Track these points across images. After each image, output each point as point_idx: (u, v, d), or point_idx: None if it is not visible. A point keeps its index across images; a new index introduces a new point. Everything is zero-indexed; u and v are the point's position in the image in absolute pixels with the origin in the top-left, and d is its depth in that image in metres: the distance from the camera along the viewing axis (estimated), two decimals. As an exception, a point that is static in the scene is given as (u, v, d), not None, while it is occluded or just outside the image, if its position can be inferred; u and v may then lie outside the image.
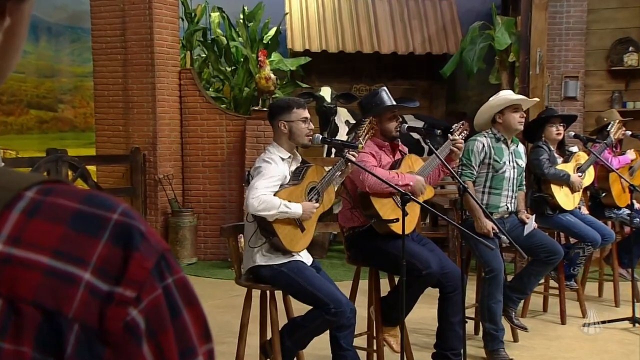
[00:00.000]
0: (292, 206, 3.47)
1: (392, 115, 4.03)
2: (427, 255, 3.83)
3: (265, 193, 3.41)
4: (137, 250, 0.60)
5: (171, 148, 7.71)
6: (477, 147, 4.55)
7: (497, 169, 4.55)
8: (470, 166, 4.54)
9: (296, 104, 3.65)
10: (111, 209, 0.61)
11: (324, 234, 7.76)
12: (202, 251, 7.80)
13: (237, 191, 7.65)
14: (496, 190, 4.58)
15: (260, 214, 3.41)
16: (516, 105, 4.59)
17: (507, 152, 4.61)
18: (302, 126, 3.63)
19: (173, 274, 0.62)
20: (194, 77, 7.83)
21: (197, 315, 0.64)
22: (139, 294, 0.59)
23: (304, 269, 3.54)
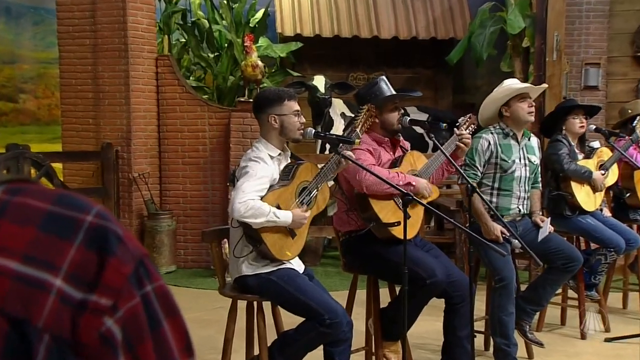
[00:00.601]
0: (281, 214, 3.48)
1: (393, 107, 4.04)
2: (432, 262, 3.84)
3: (253, 198, 3.41)
4: (113, 255, 0.60)
5: (147, 143, 7.71)
6: (481, 146, 4.56)
7: (505, 168, 4.56)
8: (474, 166, 4.55)
9: (287, 96, 3.66)
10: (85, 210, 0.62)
11: (318, 239, 7.77)
12: (182, 258, 7.80)
13: (220, 191, 7.65)
14: (506, 192, 4.59)
15: (247, 220, 3.42)
16: (523, 94, 4.61)
17: (517, 148, 4.62)
18: (293, 120, 3.64)
19: (152, 281, 0.63)
20: (173, 64, 7.83)
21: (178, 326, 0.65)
22: (116, 302, 0.59)
23: (295, 277, 3.56)
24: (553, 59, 7.07)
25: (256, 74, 7.40)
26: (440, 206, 6.93)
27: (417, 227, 4.04)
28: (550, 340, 5.16)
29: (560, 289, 5.25)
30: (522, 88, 4.63)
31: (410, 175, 3.94)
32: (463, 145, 4.12)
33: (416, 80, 9.83)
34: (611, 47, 8.37)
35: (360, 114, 3.86)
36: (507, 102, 4.62)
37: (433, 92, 9.92)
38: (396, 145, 4.19)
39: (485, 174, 4.60)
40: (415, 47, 9.66)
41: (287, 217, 3.50)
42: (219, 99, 8.49)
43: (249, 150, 3.67)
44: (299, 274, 3.62)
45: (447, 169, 4.20)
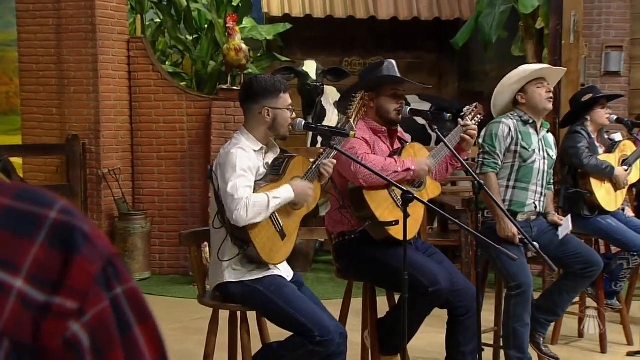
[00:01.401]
0: (280, 193, 3.50)
1: (392, 93, 4.05)
2: (435, 268, 3.86)
3: (248, 194, 3.43)
4: (79, 254, 0.61)
5: (118, 136, 7.70)
6: (502, 131, 4.56)
7: (525, 157, 4.58)
8: (494, 154, 4.55)
9: (283, 87, 3.67)
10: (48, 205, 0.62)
11: (308, 242, 7.78)
12: (157, 263, 7.80)
13: (200, 189, 7.65)
14: (523, 184, 4.60)
15: (255, 221, 3.44)
16: (540, 79, 4.62)
17: (537, 138, 4.64)
18: (287, 115, 3.66)
19: (123, 282, 0.64)
20: (146, 47, 7.81)
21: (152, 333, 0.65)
22: (82, 305, 0.60)
23: (283, 286, 3.57)
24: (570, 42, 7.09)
25: (240, 58, 7.39)
26: (445, 205, 6.95)
27: (417, 227, 4.05)
28: (567, 354, 5.18)
29: (578, 297, 5.26)
30: (540, 70, 4.65)
31: (409, 160, 3.95)
32: (468, 138, 4.13)
33: (418, 66, 9.85)
34: (635, 29, 8.38)
35: (354, 102, 3.87)
36: (523, 87, 4.63)
37: (436, 79, 9.94)
38: (394, 137, 4.20)
39: (503, 164, 4.60)
40: (416, 29, 9.67)
41: (287, 191, 3.52)
42: (198, 87, 8.49)
43: (227, 143, 3.68)
44: (287, 283, 3.62)
45: (451, 163, 4.21)
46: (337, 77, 7.61)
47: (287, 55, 9.23)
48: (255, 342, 3.68)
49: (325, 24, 9.46)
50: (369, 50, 9.95)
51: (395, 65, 4.12)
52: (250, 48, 7.78)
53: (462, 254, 6.69)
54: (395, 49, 9.77)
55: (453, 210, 6.55)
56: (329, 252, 4.89)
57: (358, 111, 3.88)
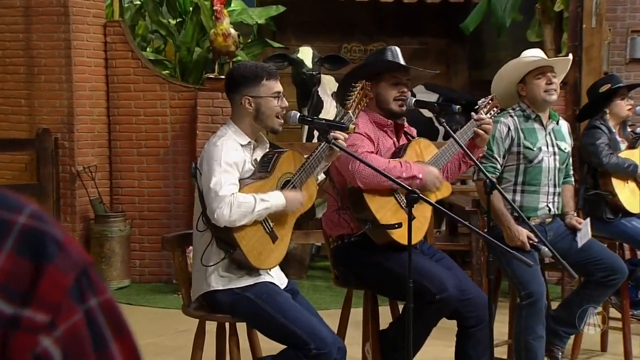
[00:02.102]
0: (271, 197, 3.50)
1: (393, 81, 4.06)
2: (442, 274, 3.86)
3: (233, 192, 3.42)
4: (51, 263, 0.61)
5: (94, 130, 7.69)
6: (499, 132, 4.56)
7: (530, 158, 4.57)
8: (492, 158, 4.55)
9: (266, 73, 3.66)
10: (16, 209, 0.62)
11: (304, 247, 7.78)
12: (138, 270, 7.80)
13: (185, 189, 7.65)
14: (532, 187, 4.59)
15: (238, 224, 3.44)
16: (542, 68, 4.61)
17: (543, 133, 4.63)
18: (273, 104, 3.65)
19: (97, 294, 0.64)
20: (125, 32, 7.81)
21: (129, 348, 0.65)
22: (54, 318, 0.60)
23: (276, 294, 3.57)
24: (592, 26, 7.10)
25: (228, 44, 7.39)
26: (453, 206, 6.95)
27: (423, 231, 4.05)
28: (588, 369, 5.19)
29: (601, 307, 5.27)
30: (536, 61, 4.63)
31: (417, 164, 3.95)
32: (483, 133, 4.12)
33: (424, 53, 9.85)
34: (662, 12, 8.38)
35: (353, 92, 3.87)
36: (523, 78, 4.63)
37: (445, 68, 9.94)
38: (400, 131, 4.20)
39: (507, 167, 4.60)
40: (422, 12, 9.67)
41: (278, 198, 3.52)
42: (182, 76, 8.48)
43: (213, 136, 3.69)
44: (280, 291, 3.63)
45: (464, 160, 4.21)
46: (335, 65, 7.61)
47: (281, 41, 9.23)
48: (245, 356, 3.68)
49: (323, 7, 9.46)
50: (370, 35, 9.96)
51: (399, 52, 4.12)
52: (239, 33, 7.77)
53: (473, 260, 6.69)
54: (399, 34, 9.77)
55: (462, 211, 6.55)
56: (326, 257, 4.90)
57: (358, 102, 3.87)
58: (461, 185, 8.18)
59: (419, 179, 3.88)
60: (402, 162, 3.92)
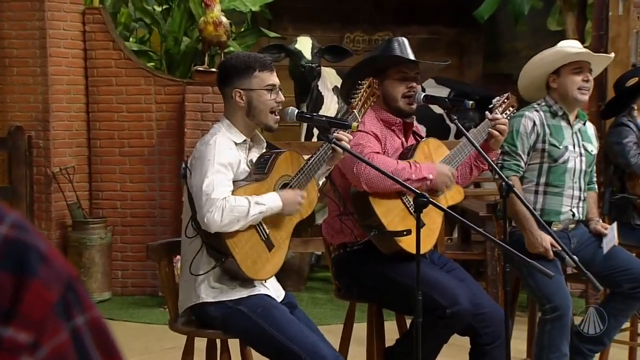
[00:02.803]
0: (267, 200, 3.50)
1: (401, 76, 4.07)
2: (454, 285, 3.87)
3: (226, 196, 3.43)
4: (34, 277, 0.61)
5: (72, 127, 7.70)
6: (524, 127, 4.57)
7: (555, 157, 4.58)
8: (515, 154, 4.56)
9: (259, 64, 3.68)
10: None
11: (303, 256, 7.78)
12: (120, 282, 7.80)
13: (172, 192, 7.65)
14: (556, 189, 4.60)
15: (230, 230, 3.44)
16: (580, 63, 4.63)
17: (570, 132, 4.64)
18: (266, 98, 3.66)
19: (85, 311, 0.64)
20: (106, 20, 7.81)
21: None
22: (37, 337, 0.60)
23: (272, 308, 3.58)
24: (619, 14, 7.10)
25: (219, 34, 7.39)
26: (466, 212, 6.95)
27: (433, 238, 4.07)
28: (614, 390, 5.19)
29: (628, 321, 5.27)
30: (580, 54, 4.63)
31: (428, 165, 3.96)
32: (497, 134, 4.13)
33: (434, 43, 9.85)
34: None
35: (360, 89, 3.87)
36: (557, 70, 4.63)
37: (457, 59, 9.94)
38: (409, 131, 4.20)
39: (529, 165, 4.60)
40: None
41: (274, 200, 3.52)
42: (169, 68, 8.48)
43: (206, 134, 3.69)
44: (277, 304, 3.63)
45: (475, 164, 4.22)
46: (336, 56, 7.62)
47: (277, 30, 9.23)
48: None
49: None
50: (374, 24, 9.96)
51: (407, 44, 4.13)
52: (231, 21, 7.78)
53: (488, 270, 6.69)
54: (406, 22, 9.77)
55: (476, 217, 6.55)
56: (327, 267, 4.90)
57: (365, 101, 3.87)
58: (475, 189, 8.18)
59: (430, 180, 3.90)
60: (412, 162, 3.93)
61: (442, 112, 7.77)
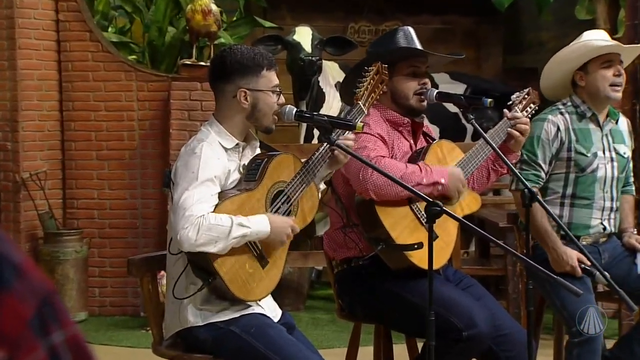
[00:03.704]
0: (253, 223, 3.48)
1: (411, 70, 4.07)
2: (471, 305, 3.87)
3: (204, 213, 3.41)
4: (8, 291, 0.62)
5: (43, 128, 7.70)
6: (546, 133, 4.56)
7: (583, 165, 4.57)
8: (535, 165, 4.54)
9: (267, 62, 3.68)
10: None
11: (302, 272, 7.78)
12: (97, 301, 7.79)
13: (156, 200, 7.65)
14: (584, 201, 4.59)
15: (204, 249, 3.43)
16: (610, 56, 4.62)
17: (599, 135, 4.63)
18: (272, 100, 3.66)
19: (62, 326, 0.65)
20: (82, 8, 7.81)
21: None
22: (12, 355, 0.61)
23: (267, 327, 3.58)
24: (655, 1, 7.11)
25: (209, 23, 7.39)
26: (485, 222, 6.95)
27: (447, 252, 4.07)
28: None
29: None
30: (609, 46, 4.63)
31: (438, 167, 3.96)
32: (517, 134, 4.13)
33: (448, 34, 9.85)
34: None
35: (366, 77, 3.86)
36: (584, 65, 4.63)
37: (474, 52, 9.95)
38: (418, 131, 4.21)
39: (553, 175, 4.59)
40: (447, -16, 9.71)
41: (261, 225, 3.50)
42: (152, 62, 8.48)
43: (193, 138, 3.68)
44: (273, 324, 3.64)
45: (493, 168, 4.22)
46: (339, 48, 7.63)
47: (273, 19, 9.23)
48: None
49: (324, -22, 9.48)
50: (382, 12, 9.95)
51: (414, 34, 4.13)
52: (222, 10, 7.79)
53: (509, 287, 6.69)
54: (417, 11, 9.78)
55: (496, 228, 6.55)
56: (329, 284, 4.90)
57: (372, 90, 3.87)
58: (494, 196, 8.19)
59: (442, 184, 3.90)
60: (422, 165, 3.93)
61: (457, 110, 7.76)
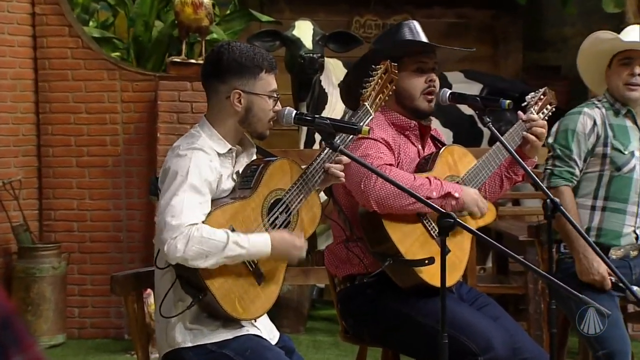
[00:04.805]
0: (252, 242, 3.47)
1: (417, 67, 4.08)
2: (488, 326, 3.87)
3: (195, 221, 3.41)
4: None
5: (17, 132, 7.71)
6: (582, 126, 4.57)
7: (619, 164, 4.58)
8: (569, 160, 4.56)
9: (267, 64, 3.68)
10: None
11: (301, 290, 7.78)
12: (76, 322, 7.79)
13: (141, 211, 7.65)
14: (617, 204, 4.59)
15: (193, 264, 3.42)
16: (629, 52, 4.61)
17: (637, 134, 4.65)
18: (267, 106, 3.67)
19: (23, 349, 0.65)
20: (60, 1, 7.82)
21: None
22: None
23: (264, 350, 3.58)
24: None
25: (200, 17, 7.40)
26: (503, 235, 6.96)
27: (461, 268, 4.07)
28: None
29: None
30: (627, 44, 4.63)
31: (451, 183, 3.97)
32: (533, 138, 4.13)
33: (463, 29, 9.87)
34: None
35: (374, 77, 3.87)
36: (611, 61, 4.65)
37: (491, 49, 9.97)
38: (426, 135, 4.21)
39: (586, 174, 4.61)
40: (461, -26, 9.73)
41: (262, 243, 3.50)
42: (138, 59, 8.50)
43: (181, 140, 3.68)
44: (270, 346, 3.64)
45: (507, 175, 4.22)
46: (343, 45, 7.64)
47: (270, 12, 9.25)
48: None
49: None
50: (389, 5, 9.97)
51: (420, 28, 4.14)
52: (215, 2, 7.80)
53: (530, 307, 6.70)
54: (428, 3, 9.79)
55: (515, 242, 6.56)
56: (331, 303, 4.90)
57: (380, 90, 3.87)
58: (513, 207, 8.19)
59: (456, 198, 3.89)
60: (431, 177, 3.92)
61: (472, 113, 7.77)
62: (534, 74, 9.71)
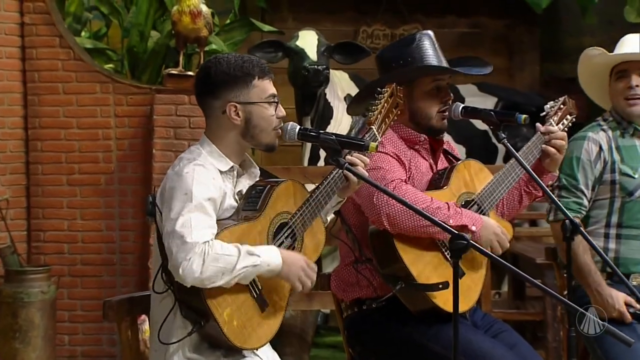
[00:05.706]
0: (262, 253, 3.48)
1: (434, 86, 4.08)
2: (503, 355, 3.87)
3: (207, 239, 3.41)
4: None
5: (5, 148, 7.71)
6: (587, 153, 4.57)
7: (630, 189, 4.57)
8: (576, 190, 4.55)
9: (258, 70, 3.69)
10: None
11: (305, 315, 7.78)
12: (67, 350, 7.79)
13: (136, 231, 7.65)
14: (632, 231, 4.59)
15: (212, 285, 3.42)
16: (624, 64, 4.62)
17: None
18: (269, 112, 3.67)
19: None
20: (51, 10, 7.84)
21: None
22: None
23: (266, 381, 3.59)
24: None
25: (198, 27, 7.42)
26: (520, 258, 6.96)
27: (476, 293, 4.07)
28: None
29: None
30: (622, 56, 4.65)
31: (469, 212, 3.96)
32: (553, 151, 4.14)
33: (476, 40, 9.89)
34: None
35: (380, 100, 3.88)
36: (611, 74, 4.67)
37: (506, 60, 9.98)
38: (438, 150, 4.22)
39: (596, 202, 4.60)
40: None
41: (271, 257, 3.50)
42: (132, 71, 8.52)
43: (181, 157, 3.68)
44: (272, 377, 3.65)
45: (526, 190, 4.22)
46: (349, 56, 7.65)
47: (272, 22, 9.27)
48: None
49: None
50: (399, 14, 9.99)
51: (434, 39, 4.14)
52: (214, 11, 7.81)
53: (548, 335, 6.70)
54: (440, 12, 9.81)
55: (532, 264, 6.56)
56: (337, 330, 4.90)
57: (386, 114, 3.88)
58: (530, 227, 8.19)
59: (472, 231, 3.88)
60: (450, 204, 3.92)
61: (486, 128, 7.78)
62: (551, 87, 9.72)
